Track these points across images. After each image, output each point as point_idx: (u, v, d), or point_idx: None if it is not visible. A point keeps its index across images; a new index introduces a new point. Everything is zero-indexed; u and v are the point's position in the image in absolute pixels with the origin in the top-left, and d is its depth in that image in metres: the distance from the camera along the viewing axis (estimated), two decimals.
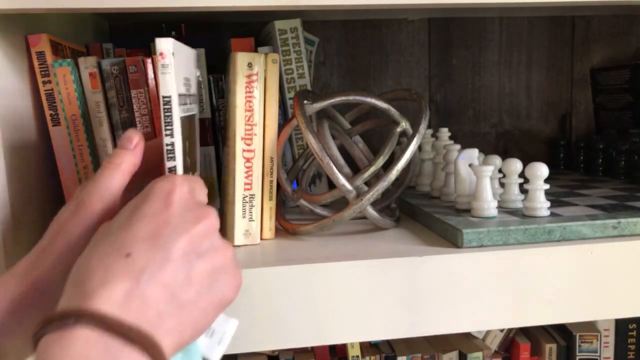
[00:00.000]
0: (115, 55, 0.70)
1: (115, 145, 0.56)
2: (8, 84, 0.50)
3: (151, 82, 0.55)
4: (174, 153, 0.39)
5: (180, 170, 0.39)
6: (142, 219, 0.32)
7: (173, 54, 0.39)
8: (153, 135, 0.56)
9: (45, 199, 0.57)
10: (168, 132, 0.39)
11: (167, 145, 0.39)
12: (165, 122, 0.39)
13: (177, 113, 0.39)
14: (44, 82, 0.54)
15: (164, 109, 0.39)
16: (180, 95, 0.40)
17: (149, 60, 0.55)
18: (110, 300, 0.29)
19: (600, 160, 0.87)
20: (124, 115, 0.56)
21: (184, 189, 0.35)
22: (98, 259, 0.31)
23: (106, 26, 0.88)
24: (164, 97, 0.39)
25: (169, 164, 0.39)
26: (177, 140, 0.39)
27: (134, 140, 0.39)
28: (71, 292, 0.30)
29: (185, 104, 0.43)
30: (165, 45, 0.39)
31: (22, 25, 0.53)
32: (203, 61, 0.65)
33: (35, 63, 0.54)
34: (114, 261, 0.30)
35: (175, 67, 0.39)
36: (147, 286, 0.30)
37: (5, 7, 0.44)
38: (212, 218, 0.35)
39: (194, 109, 0.48)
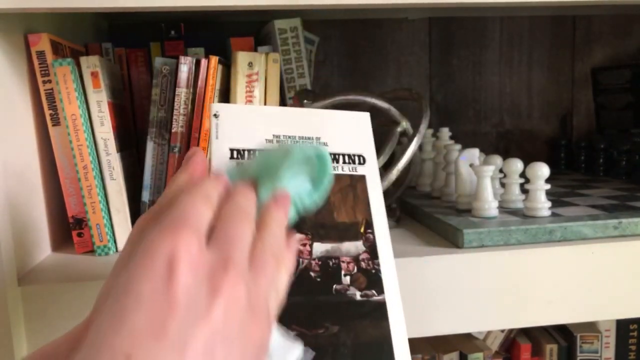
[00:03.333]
0: (114, 54, 0.70)
1: (116, 144, 0.55)
2: (8, 84, 0.50)
3: (201, 83, 0.55)
4: None
5: None
6: (138, 304, 0.23)
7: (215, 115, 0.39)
8: (187, 134, 0.56)
9: (45, 200, 0.57)
10: None
11: None
12: None
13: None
14: (44, 82, 0.54)
15: None
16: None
17: (203, 61, 0.56)
18: None
19: (601, 160, 0.87)
20: (161, 115, 0.56)
21: (192, 248, 0.24)
22: None
23: (105, 25, 0.88)
24: None
25: None
26: None
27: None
28: None
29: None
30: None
31: (22, 25, 0.53)
32: None
33: (36, 62, 0.54)
34: None
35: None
36: None
37: (5, 7, 0.44)
38: (236, 280, 0.25)
39: None
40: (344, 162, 0.41)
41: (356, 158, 0.42)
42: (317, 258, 0.37)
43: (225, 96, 0.59)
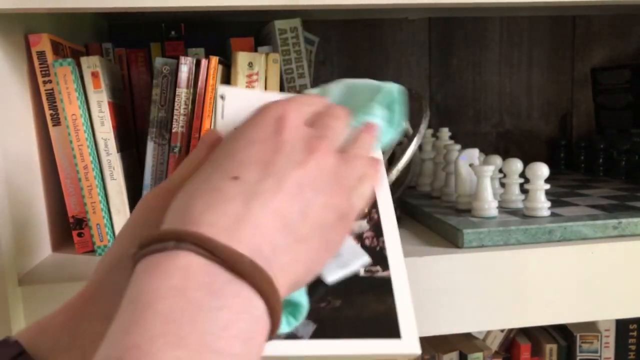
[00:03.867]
0: (114, 54, 0.70)
1: (116, 144, 0.55)
2: (8, 84, 0.50)
3: (201, 83, 0.55)
4: None
5: None
6: (249, 145, 0.28)
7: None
8: (187, 134, 0.56)
9: (45, 200, 0.57)
10: None
11: None
12: None
13: None
14: (44, 82, 0.54)
15: None
16: None
17: (204, 61, 0.56)
18: (218, 224, 0.24)
19: (600, 160, 0.87)
20: (161, 115, 0.56)
21: (295, 116, 0.30)
22: (202, 183, 0.27)
23: (106, 26, 0.88)
24: None
25: None
26: None
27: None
28: (172, 217, 0.26)
29: None
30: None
31: (22, 25, 0.53)
32: None
33: (36, 63, 0.54)
34: (220, 184, 0.26)
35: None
36: (259, 211, 0.25)
37: (5, 7, 0.44)
38: (327, 150, 0.29)
39: None
40: None
41: None
42: None
43: None
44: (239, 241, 0.24)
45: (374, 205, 0.39)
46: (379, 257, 0.37)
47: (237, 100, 0.39)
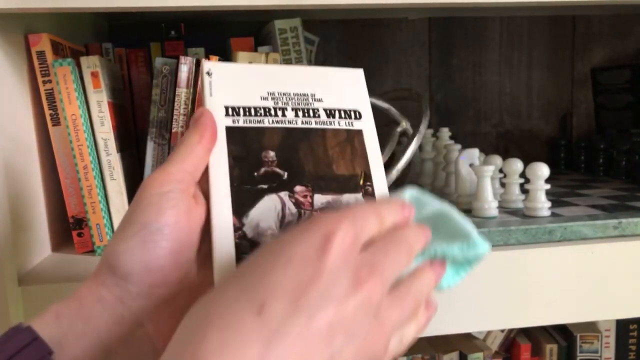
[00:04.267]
0: (114, 54, 0.70)
1: (116, 144, 0.55)
2: (8, 84, 0.50)
3: (201, 83, 0.56)
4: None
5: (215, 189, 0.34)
6: (286, 265, 0.25)
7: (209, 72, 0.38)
8: None
9: (45, 200, 0.57)
10: None
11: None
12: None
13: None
14: (44, 82, 0.54)
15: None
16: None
17: (204, 61, 0.56)
18: None
19: (601, 160, 0.87)
20: (161, 115, 0.56)
21: (347, 237, 0.26)
22: (222, 304, 0.24)
23: (106, 25, 0.88)
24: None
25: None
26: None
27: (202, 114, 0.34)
28: (181, 342, 0.24)
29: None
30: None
31: (22, 25, 0.53)
32: None
33: (36, 62, 0.54)
34: (241, 316, 0.23)
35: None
36: (280, 358, 0.23)
37: (5, 7, 0.44)
38: (376, 287, 0.26)
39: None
40: (340, 117, 0.41)
41: (352, 113, 0.41)
42: (318, 209, 0.37)
43: None
44: None
45: (368, 178, 0.39)
46: None
47: (224, 75, 0.39)
